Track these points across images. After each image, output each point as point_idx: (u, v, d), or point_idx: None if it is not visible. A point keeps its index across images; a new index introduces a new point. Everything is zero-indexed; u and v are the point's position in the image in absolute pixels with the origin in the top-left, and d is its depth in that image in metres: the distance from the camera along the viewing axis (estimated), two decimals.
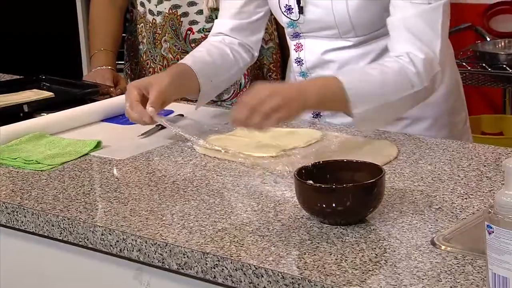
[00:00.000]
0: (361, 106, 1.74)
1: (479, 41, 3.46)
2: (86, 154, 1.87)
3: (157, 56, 2.52)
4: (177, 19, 2.44)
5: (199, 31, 2.44)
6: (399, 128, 1.95)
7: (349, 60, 1.95)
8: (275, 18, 2.42)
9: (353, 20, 1.87)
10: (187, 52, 2.42)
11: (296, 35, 1.99)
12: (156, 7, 2.47)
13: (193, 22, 2.44)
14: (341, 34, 1.90)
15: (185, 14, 2.44)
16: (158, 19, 2.48)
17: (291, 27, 1.98)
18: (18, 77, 2.55)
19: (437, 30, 1.79)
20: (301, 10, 1.93)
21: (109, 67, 2.48)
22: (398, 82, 1.76)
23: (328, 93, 1.74)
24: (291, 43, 2.02)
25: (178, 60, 2.43)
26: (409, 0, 1.80)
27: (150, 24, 2.51)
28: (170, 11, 2.45)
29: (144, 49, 2.56)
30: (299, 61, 2.01)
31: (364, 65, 1.92)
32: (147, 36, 2.54)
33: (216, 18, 2.36)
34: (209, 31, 2.38)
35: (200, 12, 2.43)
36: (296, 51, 2.00)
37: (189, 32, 2.44)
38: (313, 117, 2.04)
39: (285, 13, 1.96)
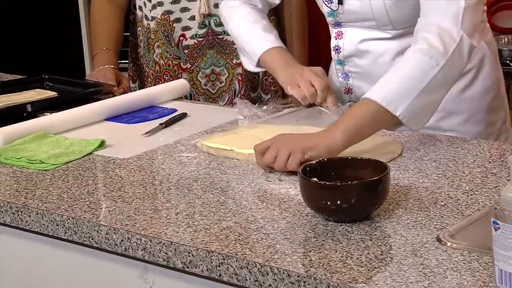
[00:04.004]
0: (400, 106, 1.70)
1: None
2: (90, 153, 1.87)
3: (150, 60, 2.51)
4: (170, 25, 2.43)
5: (192, 37, 2.43)
6: (432, 122, 1.92)
7: (384, 51, 1.98)
8: (273, 20, 2.42)
9: (390, 14, 1.90)
10: (180, 58, 2.44)
11: (337, 24, 2.03)
12: (151, 12, 2.47)
13: (186, 28, 2.43)
14: (379, 26, 1.94)
15: (178, 20, 2.43)
16: (152, 25, 2.47)
17: (332, 16, 2.02)
18: (21, 77, 2.56)
19: (460, 3, 1.76)
20: (340, 1, 1.97)
21: (112, 66, 2.48)
22: (422, 66, 1.73)
23: (367, 119, 1.71)
24: (332, 31, 2.06)
25: (169, 66, 2.45)
26: None
27: (145, 29, 2.51)
28: (163, 16, 2.44)
29: (141, 53, 2.56)
30: (337, 49, 2.04)
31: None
32: (143, 40, 2.54)
33: (209, 24, 2.38)
34: (202, 37, 2.40)
35: (192, 18, 2.42)
36: (336, 39, 2.04)
37: (182, 38, 2.44)
38: (345, 93, 2.07)
39: (326, 3, 2.00)
